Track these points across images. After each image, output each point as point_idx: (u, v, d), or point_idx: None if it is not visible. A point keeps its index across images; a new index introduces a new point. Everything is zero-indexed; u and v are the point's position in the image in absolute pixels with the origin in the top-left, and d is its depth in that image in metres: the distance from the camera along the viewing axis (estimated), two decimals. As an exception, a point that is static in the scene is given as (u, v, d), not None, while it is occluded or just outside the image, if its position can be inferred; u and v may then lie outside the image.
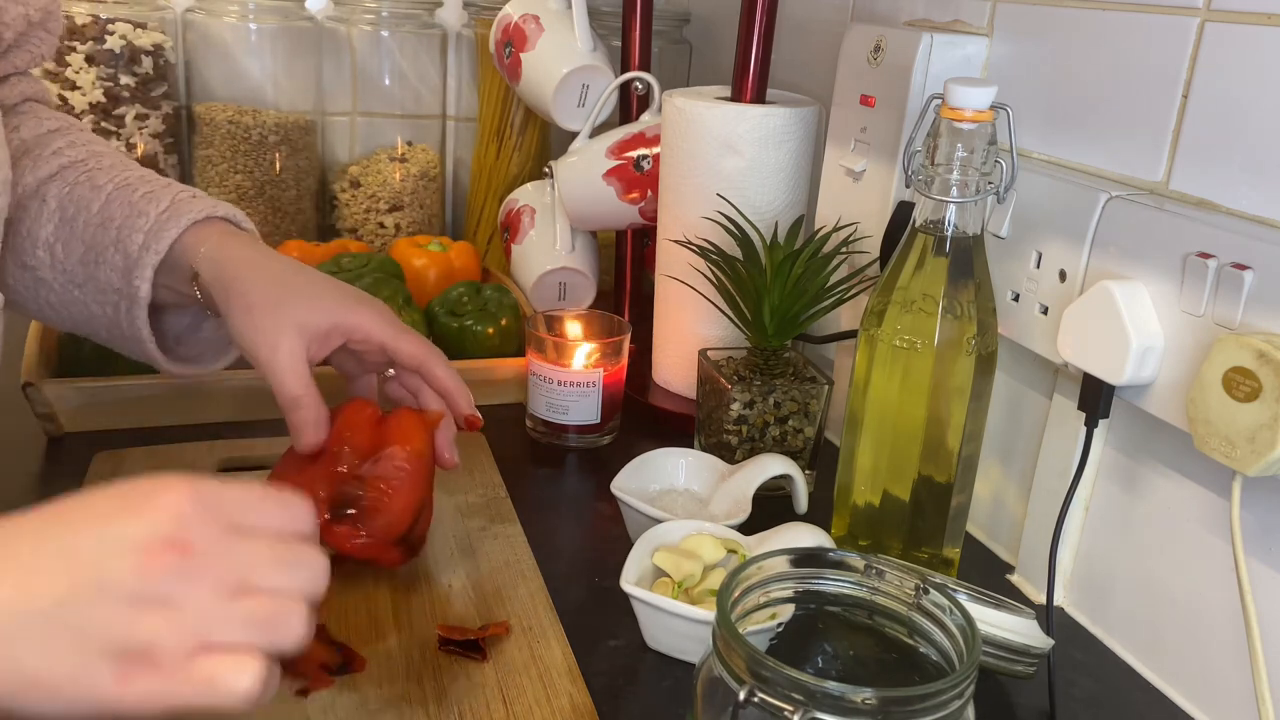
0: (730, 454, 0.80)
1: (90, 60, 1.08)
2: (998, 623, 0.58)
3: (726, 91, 0.89)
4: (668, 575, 0.63)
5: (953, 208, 0.63)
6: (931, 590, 0.45)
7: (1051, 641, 0.60)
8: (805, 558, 0.47)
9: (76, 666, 0.37)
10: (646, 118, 1.06)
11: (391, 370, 0.70)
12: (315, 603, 0.41)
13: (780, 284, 0.78)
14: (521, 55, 1.08)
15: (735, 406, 0.79)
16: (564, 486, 0.83)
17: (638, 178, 1.01)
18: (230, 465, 0.77)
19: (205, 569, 0.39)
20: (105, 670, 0.37)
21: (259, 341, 0.63)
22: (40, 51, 0.71)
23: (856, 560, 0.47)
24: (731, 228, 0.81)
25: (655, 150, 1.00)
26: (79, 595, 0.37)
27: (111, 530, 0.38)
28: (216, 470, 0.76)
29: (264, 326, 0.63)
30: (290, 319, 0.64)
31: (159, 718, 0.38)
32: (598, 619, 0.65)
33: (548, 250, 1.08)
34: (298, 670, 0.54)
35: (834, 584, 0.47)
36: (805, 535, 0.66)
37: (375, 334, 0.66)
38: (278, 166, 1.17)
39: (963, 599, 0.56)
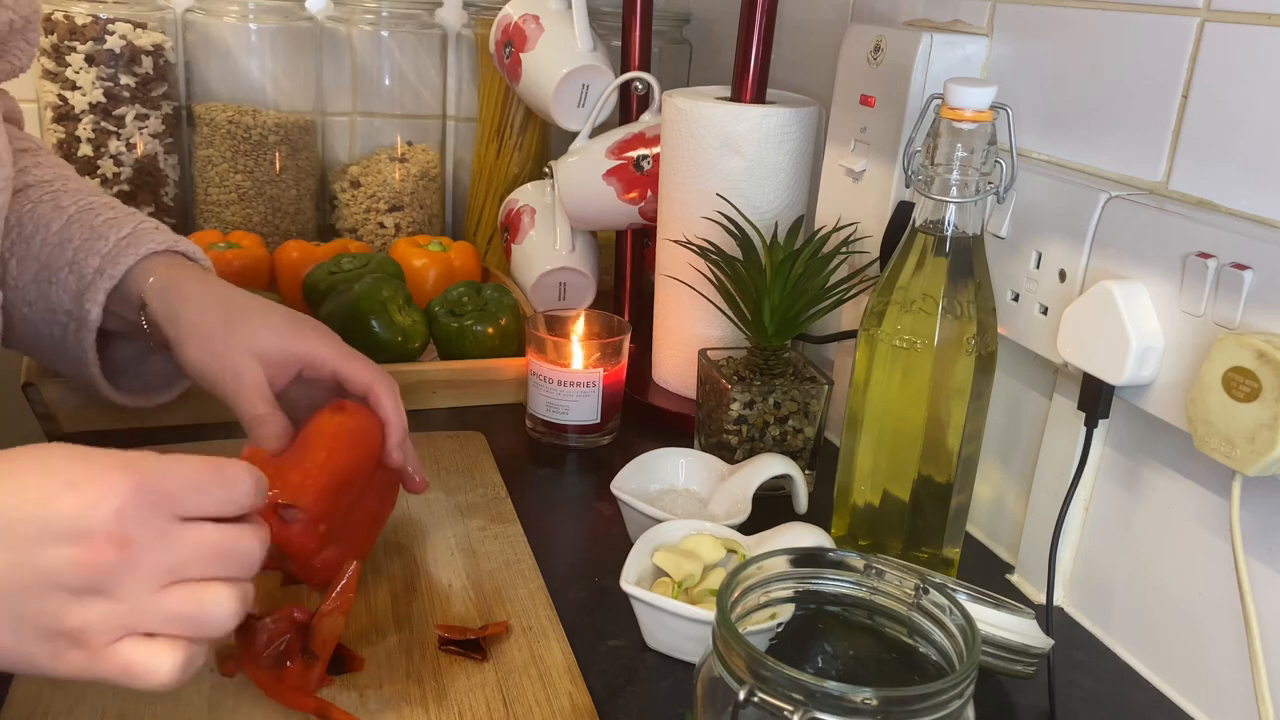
0: (730, 454, 0.80)
1: (90, 60, 1.08)
2: (998, 623, 0.58)
3: (726, 91, 0.89)
4: (668, 575, 0.63)
5: (953, 208, 0.63)
6: (931, 590, 0.45)
7: (1051, 641, 0.60)
8: (805, 558, 0.47)
9: (12, 641, 0.39)
10: (646, 118, 1.06)
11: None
12: (250, 580, 0.44)
13: (780, 284, 0.78)
14: (521, 55, 1.08)
15: (735, 406, 0.79)
16: (564, 486, 0.83)
17: (638, 178, 1.01)
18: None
19: (140, 562, 0.40)
20: (37, 648, 0.40)
21: (221, 369, 0.63)
22: (19, 64, 0.69)
23: (856, 560, 0.47)
24: (731, 228, 0.81)
25: (655, 150, 1.00)
26: (16, 577, 0.39)
27: (53, 513, 0.39)
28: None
29: (222, 354, 0.63)
30: (246, 346, 0.63)
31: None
32: (598, 619, 0.65)
33: (548, 250, 1.08)
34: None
35: (834, 584, 0.47)
36: (805, 535, 0.66)
37: (328, 360, 0.66)
38: (278, 166, 1.17)
39: (963, 599, 0.57)
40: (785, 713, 0.38)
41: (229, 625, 0.43)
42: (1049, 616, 0.63)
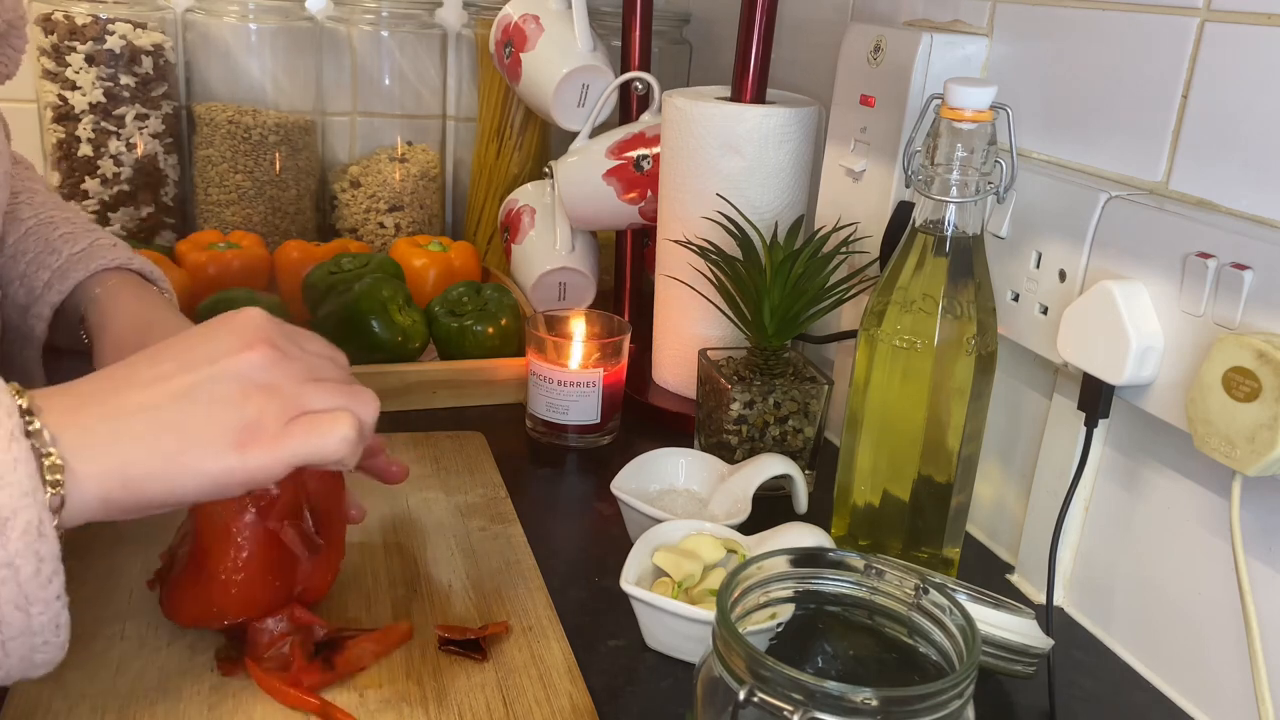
0: (730, 454, 0.80)
1: (90, 60, 1.08)
2: (998, 623, 0.58)
3: (726, 91, 0.89)
4: (668, 575, 0.63)
5: (953, 208, 0.63)
6: (931, 590, 0.45)
7: (1051, 641, 0.60)
8: (805, 558, 0.47)
9: (204, 443, 0.45)
10: (646, 118, 1.06)
11: None
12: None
13: (780, 284, 0.78)
14: (521, 55, 1.08)
15: (735, 406, 0.79)
16: (564, 486, 0.83)
17: (638, 178, 1.01)
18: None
19: (289, 364, 0.49)
20: (227, 443, 0.46)
21: None
22: (5, 71, 0.68)
23: (856, 560, 0.47)
24: (731, 228, 0.81)
25: (655, 150, 1.00)
26: (197, 390, 0.46)
27: (211, 342, 0.48)
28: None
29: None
30: None
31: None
32: (598, 619, 0.65)
33: (548, 250, 1.08)
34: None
35: (834, 584, 0.47)
36: (805, 535, 0.66)
37: None
38: (278, 166, 1.17)
39: (963, 599, 0.57)
40: (785, 713, 0.38)
41: (374, 414, 0.50)
42: (1049, 616, 0.63)
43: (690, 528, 0.67)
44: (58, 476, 0.42)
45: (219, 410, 0.46)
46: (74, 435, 0.43)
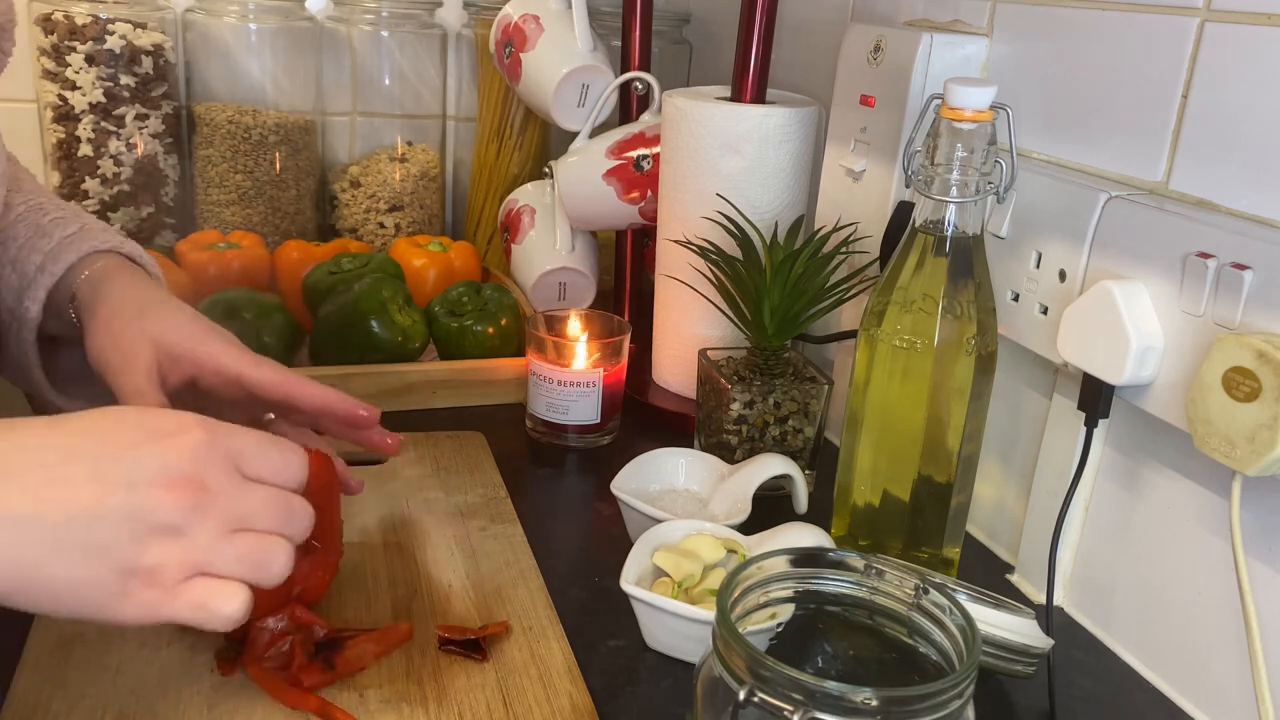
0: (730, 454, 0.80)
1: (90, 60, 1.08)
2: (998, 623, 0.58)
3: (726, 91, 0.89)
4: (668, 575, 0.63)
5: (953, 208, 0.63)
6: (931, 590, 0.45)
7: (1051, 641, 0.60)
8: (805, 558, 0.47)
9: (85, 577, 0.41)
10: (646, 118, 1.06)
11: (271, 415, 0.66)
12: (298, 546, 0.48)
13: (780, 284, 0.78)
14: (521, 55, 1.08)
15: (735, 406, 0.79)
16: (564, 486, 0.83)
17: (638, 178, 1.01)
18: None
19: (213, 507, 0.44)
20: (111, 583, 0.42)
21: (115, 349, 0.61)
22: None
23: (856, 560, 0.47)
24: (731, 228, 0.81)
25: (655, 150, 1.00)
26: (99, 514, 0.41)
27: (137, 458, 0.43)
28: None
29: (121, 336, 0.62)
30: (146, 333, 0.62)
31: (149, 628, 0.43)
32: (598, 619, 0.65)
33: (548, 250, 1.08)
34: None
35: (834, 584, 0.47)
36: (805, 535, 0.66)
37: (229, 365, 0.62)
38: (278, 166, 1.17)
39: (963, 599, 0.57)
40: (785, 713, 0.38)
41: (283, 576, 0.46)
42: (1049, 616, 0.63)
43: (690, 528, 0.67)
44: None
45: (110, 550, 0.41)
46: None
